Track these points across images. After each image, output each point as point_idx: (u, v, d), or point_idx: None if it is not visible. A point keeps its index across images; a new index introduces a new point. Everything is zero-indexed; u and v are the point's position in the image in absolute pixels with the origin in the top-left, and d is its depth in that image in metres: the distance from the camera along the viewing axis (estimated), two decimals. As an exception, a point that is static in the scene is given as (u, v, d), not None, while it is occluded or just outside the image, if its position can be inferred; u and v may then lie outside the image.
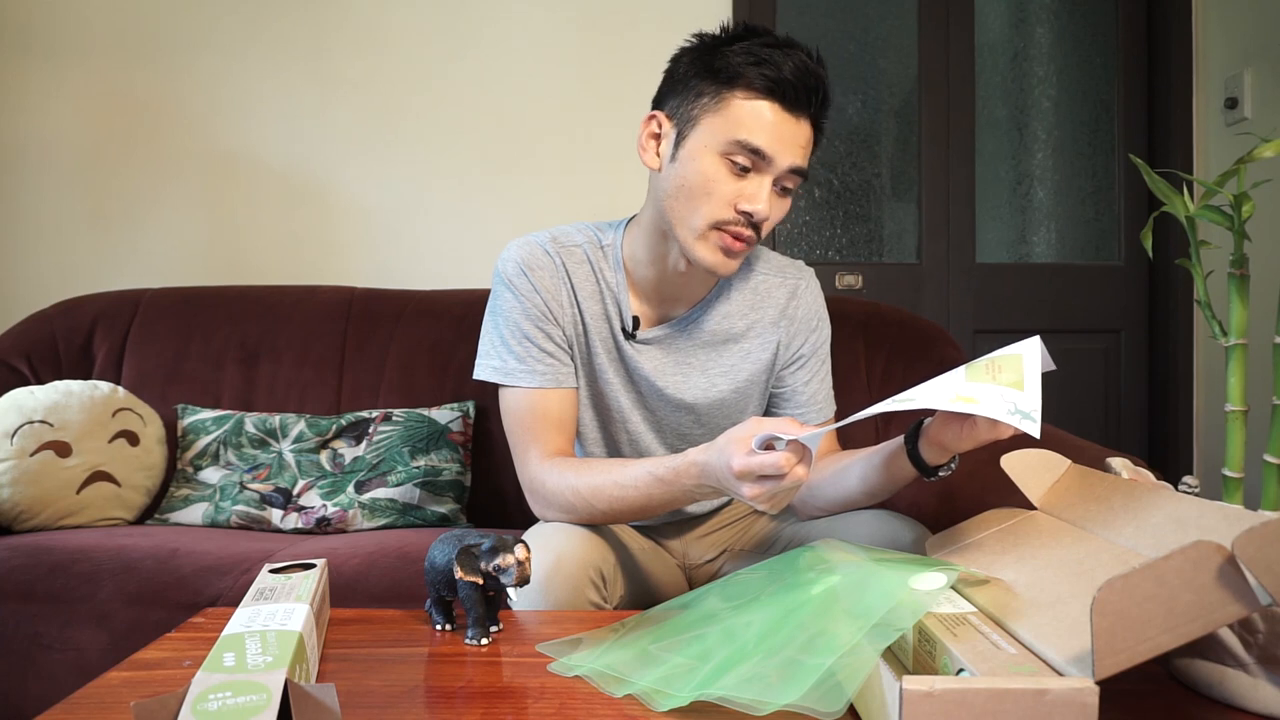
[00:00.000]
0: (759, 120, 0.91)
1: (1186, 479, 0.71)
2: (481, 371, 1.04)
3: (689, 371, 1.07)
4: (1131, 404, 2.28)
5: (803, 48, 0.93)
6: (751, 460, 0.76)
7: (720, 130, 0.92)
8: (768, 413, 1.15)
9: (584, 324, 1.05)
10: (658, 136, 1.00)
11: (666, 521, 1.17)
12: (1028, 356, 0.72)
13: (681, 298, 1.06)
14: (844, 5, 2.28)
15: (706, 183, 0.93)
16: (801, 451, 0.75)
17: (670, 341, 1.07)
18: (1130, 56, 2.29)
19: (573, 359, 1.05)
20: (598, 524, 0.97)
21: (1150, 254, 0.77)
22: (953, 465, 0.88)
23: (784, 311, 1.10)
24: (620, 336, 1.05)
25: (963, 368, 0.73)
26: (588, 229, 1.08)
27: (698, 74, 0.95)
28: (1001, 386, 0.69)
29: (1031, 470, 0.79)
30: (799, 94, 0.91)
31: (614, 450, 1.11)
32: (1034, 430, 0.65)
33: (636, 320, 1.06)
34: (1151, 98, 2.27)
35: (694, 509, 1.16)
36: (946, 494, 0.94)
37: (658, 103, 1.00)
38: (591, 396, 1.08)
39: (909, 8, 2.26)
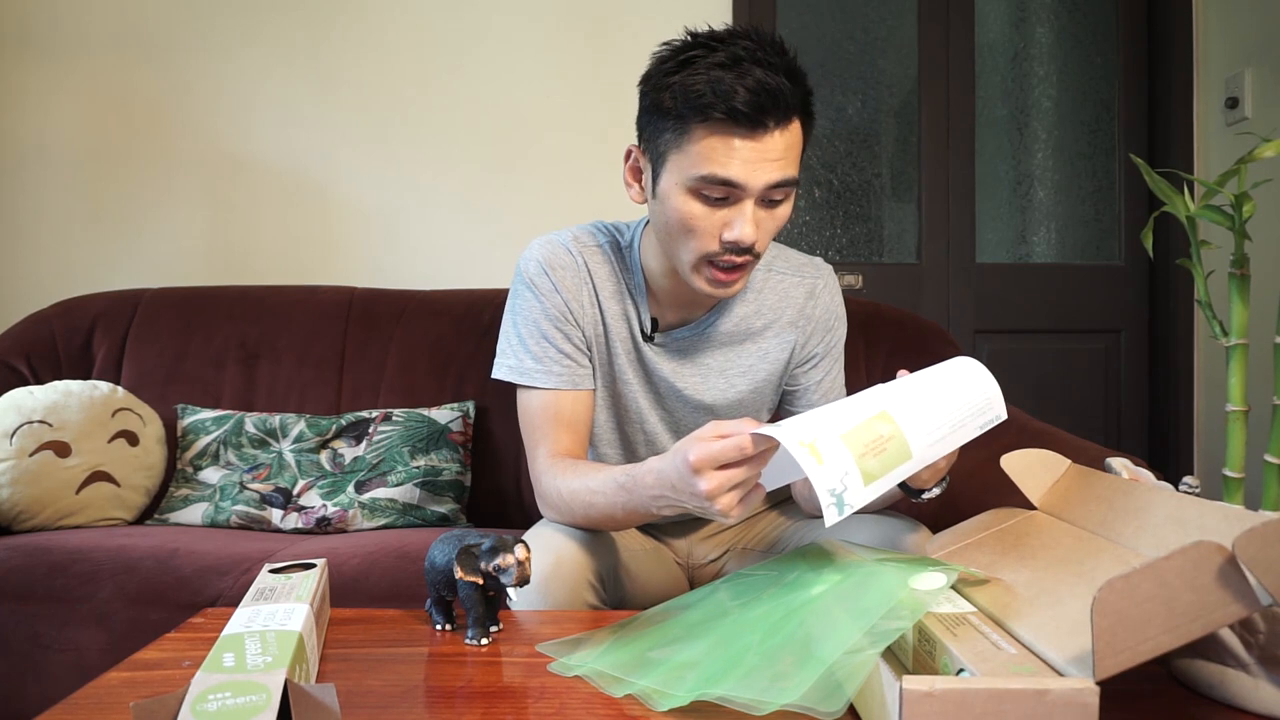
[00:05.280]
0: (720, 153, 0.86)
1: (1187, 479, 0.71)
2: (499, 371, 1.03)
3: (707, 373, 1.07)
4: (1131, 404, 2.28)
5: (760, 56, 0.85)
6: (712, 446, 0.70)
7: (686, 168, 0.88)
8: (779, 410, 1.15)
9: (605, 324, 1.04)
10: (639, 171, 0.97)
11: (673, 520, 1.17)
12: (916, 461, 0.69)
13: (698, 302, 1.05)
14: (844, 5, 2.28)
15: (685, 220, 0.90)
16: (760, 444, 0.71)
17: (688, 344, 1.06)
18: (1130, 56, 2.29)
19: (592, 360, 1.04)
20: (585, 528, 0.96)
21: (1150, 254, 0.77)
22: (940, 487, 0.88)
23: (802, 311, 1.09)
24: (639, 338, 1.05)
25: (862, 421, 0.68)
26: (606, 229, 1.07)
27: (654, 109, 0.90)
28: (855, 464, 0.65)
29: (1031, 470, 0.79)
30: (758, 114, 0.84)
31: (629, 450, 1.11)
32: (831, 518, 0.63)
33: (655, 322, 1.05)
34: (1151, 98, 2.27)
35: None
36: (946, 494, 0.95)
37: (637, 133, 0.97)
38: (609, 396, 1.08)
39: (909, 8, 2.26)
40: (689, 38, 0.90)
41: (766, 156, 0.87)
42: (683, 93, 0.86)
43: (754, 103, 0.84)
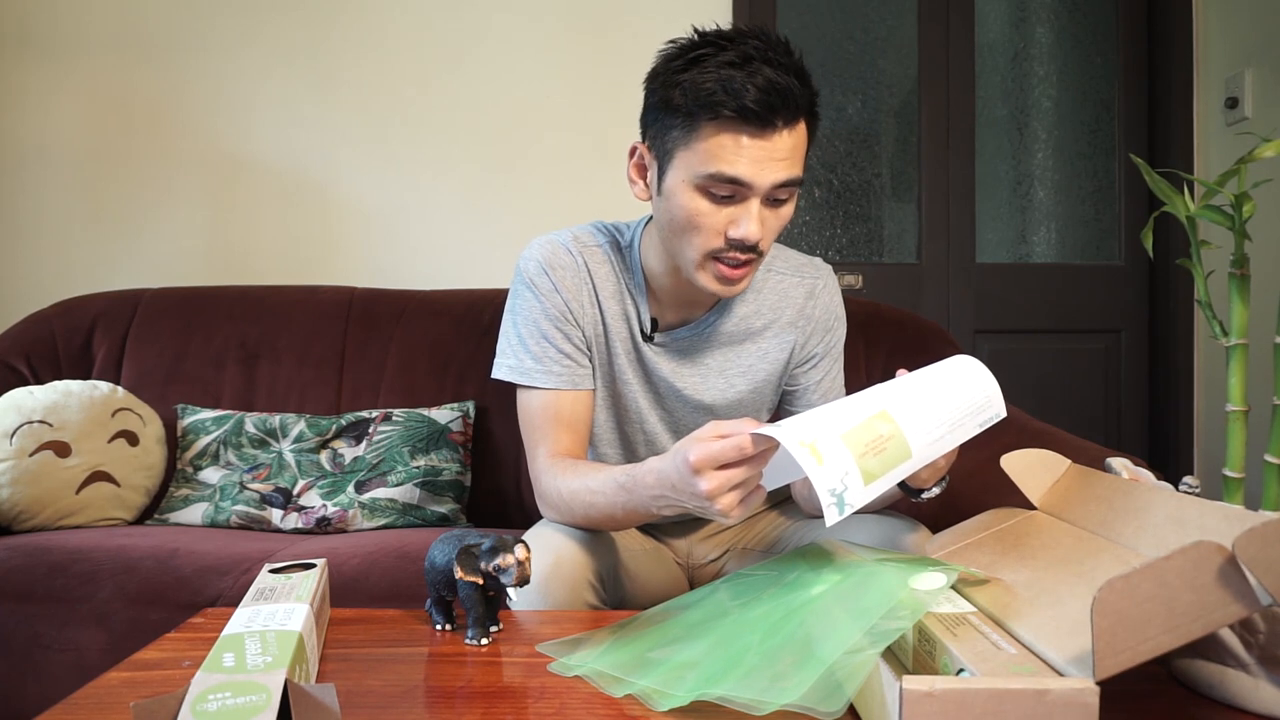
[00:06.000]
0: (729, 151, 0.86)
1: (1187, 479, 0.71)
2: (499, 371, 1.03)
3: (707, 373, 1.07)
4: (1131, 404, 2.28)
5: (770, 55, 0.86)
6: (712, 446, 0.71)
7: (693, 165, 0.88)
8: (778, 410, 1.15)
9: (605, 324, 1.04)
10: (644, 168, 0.97)
11: (673, 520, 1.17)
12: (916, 460, 0.70)
13: (698, 302, 1.05)
14: (844, 5, 2.28)
15: (691, 217, 0.90)
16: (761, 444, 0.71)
17: (688, 344, 1.06)
18: (1130, 56, 2.29)
19: (591, 360, 1.04)
20: (584, 528, 0.96)
21: (1151, 254, 0.77)
22: (940, 486, 0.88)
23: (802, 311, 1.09)
24: (639, 338, 1.05)
25: (861, 421, 0.68)
26: (606, 229, 1.07)
27: (662, 106, 0.90)
28: (855, 464, 0.65)
29: (1031, 470, 0.79)
30: (768, 113, 0.85)
31: (629, 450, 1.11)
32: (831, 518, 0.64)
33: (655, 322, 1.05)
34: (1151, 98, 2.27)
35: None
36: (946, 494, 0.95)
37: (641, 130, 0.97)
38: (609, 396, 1.08)
39: (909, 8, 2.26)
40: (696, 36, 0.90)
41: (774, 156, 0.87)
42: (693, 90, 0.86)
43: (764, 101, 0.84)
